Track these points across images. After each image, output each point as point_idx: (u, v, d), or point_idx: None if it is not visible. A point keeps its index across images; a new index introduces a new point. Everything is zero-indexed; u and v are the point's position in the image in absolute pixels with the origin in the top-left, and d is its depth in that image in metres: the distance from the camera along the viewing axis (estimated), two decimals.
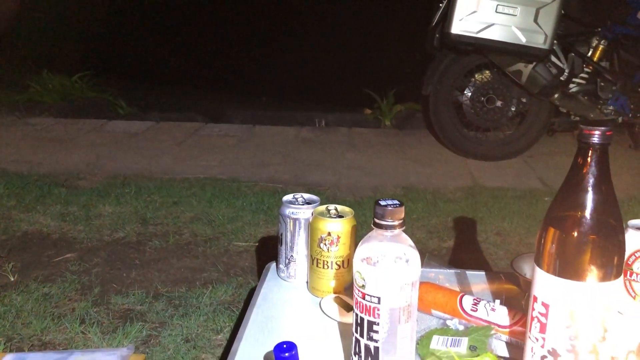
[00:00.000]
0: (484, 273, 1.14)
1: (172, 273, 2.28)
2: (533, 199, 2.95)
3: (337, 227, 1.01)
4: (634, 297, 0.98)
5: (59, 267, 2.31)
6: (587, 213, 0.70)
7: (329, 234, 1.01)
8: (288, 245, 1.08)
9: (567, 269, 0.71)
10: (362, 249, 0.76)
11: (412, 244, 0.76)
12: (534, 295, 0.75)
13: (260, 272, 1.11)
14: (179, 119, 4.58)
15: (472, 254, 2.40)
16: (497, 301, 0.93)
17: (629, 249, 0.98)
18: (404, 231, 0.75)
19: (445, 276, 1.08)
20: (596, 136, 0.70)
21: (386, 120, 4.60)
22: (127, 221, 2.75)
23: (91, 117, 4.63)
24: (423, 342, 0.88)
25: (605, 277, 0.70)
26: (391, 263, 0.74)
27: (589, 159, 0.71)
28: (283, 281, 1.10)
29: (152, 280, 2.21)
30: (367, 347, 0.75)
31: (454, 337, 0.87)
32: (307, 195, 1.12)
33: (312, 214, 1.04)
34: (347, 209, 1.05)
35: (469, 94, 3.59)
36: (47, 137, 4.25)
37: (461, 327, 0.92)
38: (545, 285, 0.73)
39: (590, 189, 0.70)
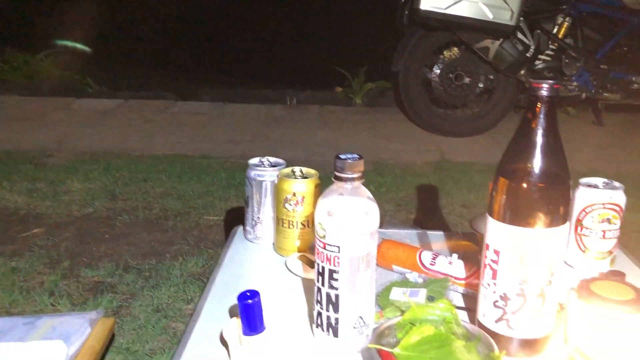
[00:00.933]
0: (443, 232, 1.18)
1: (142, 246, 2.28)
2: None
3: (302, 187, 1.03)
4: (584, 251, 1.03)
5: (27, 242, 2.29)
6: (535, 164, 0.74)
7: (294, 194, 1.03)
8: (254, 207, 1.10)
9: (516, 216, 0.74)
10: (323, 202, 0.78)
11: (371, 196, 0.78)
12: (486, 244, 0.79)
13: None
14: (149, 97, 4.53)
15: (438, 224, 2.45)
16: (455, 255, 0.97)
17: (579, 205, 1.03)
18: (363, 184, 0.78)
19: (406, 235, 1.12)
20: (544, 89, 0.73)
21: (357, 98, 4.62)
22: (96, 197, 2.74)
23: (58, 95, 4.55)
24: (383, 293, 0.91)
25: (551, 224, 0.74)
26: (350, 214, 0.76)
27: (537, 112, 0.74)
28: (250, 243, 1.13)
29: (122, 253, 2.22)
30: (328, 295, 0.78)
31: (412, 289, 0.91)
32: (272, 159, 1.14)
33: (278, 176, 1.06)
34: (312, 170, 1.07)
35: (438, 71, 3.64)
36: (13, 115, 4.17)
37: (420, 280, 0.96)
38: (496, 233, 0.77)
39: (538, 140, 0.74)
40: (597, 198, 1.01)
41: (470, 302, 0.91)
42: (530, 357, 0.79)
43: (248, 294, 0.74)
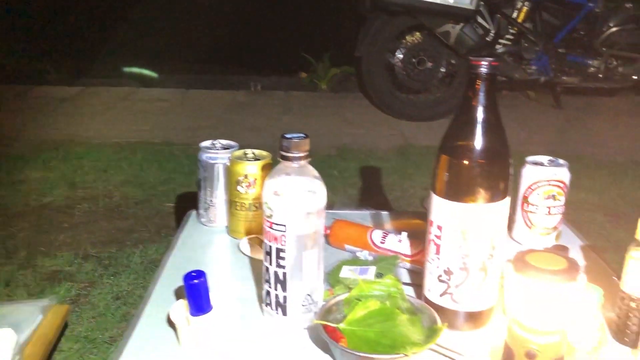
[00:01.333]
0: (395, 212, 1.20)
1: (102, 235, 2.25)
2: None
3: (254, 169, 1.03)
4: (530, 227, 1.06)
5: None
6: (474, 140, 0.75)
7: (246, 176, 1.03)
8: (207, 190, 1.10)
9: (457, 192, 0.76)
10: (270, 181, 0.78)
11: (318, 175, 0.79)
12: (430, 220, 0.80)
13: None
14: (110, 84, 4.44)
15: (399, 206, 2.48)
16: (404, 234, 0.99)
17: (525, 183, 1.05)
18: (310, 163, 0.79)
19: (359, 215, 1.13)
20: (483, 66, 0.75)
21: (322, 83, 4.62)
22: (54, 186, 2.69)
23: (16, 83, 4.42)
24: (334, 272, 0.92)
25: (491, 199, 0.76)
26: (296, 193, 0.77)
27: (477, 89, 0.75)
28: (203, 226, 1.12)
29: (82, 242, 2.18)
30: (275, 274, 0.79)
31: (362, 267, 0.92)
32: (225, 141, 1.13)
33: (230, 158, 1.06)
34: (264, 152, 1.07)
35: (401, 55, 3.66)
36: None
37: (370, 258, 0.98)
38: (439, 209, 0.78)
39: (477, 118, 0.75)
40: (542, 175, 1.03)
41: (418, 278, 0.92)
42: (475, 329, 0.81)
43: (194, 274, 0.74)
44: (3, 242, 2.16)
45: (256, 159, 1.05)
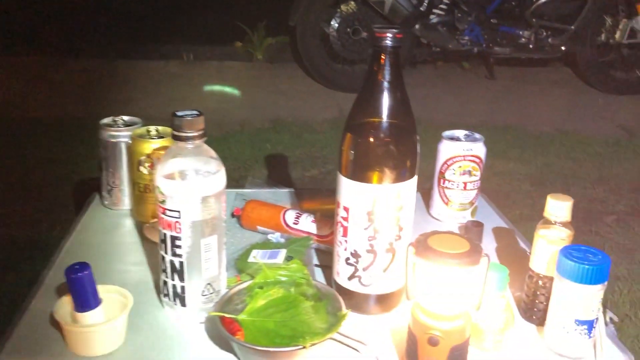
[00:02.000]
0: (311, 190, 1.16)
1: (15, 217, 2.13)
2: None
3: (157, 148, 0.96)
4: (447, 203, 1.04)
5: None
6: (379, 118, 0.71)
7: (149, 156, 0.96)
8: (109, 171, 1.02)
9: (362, 172, 0.72)
10: (163, 164, 0.72)
11: (215, 155, 0.74)
12: (337, 201, 0.77)
13: None
14: (30, 53, 4.17)
15: (332, 183, 2.46)
16: (318, 214, 0.95)
17: (441, 159, 1.03)
18: (205, 142, 0.73)
19: (274, 195, 1.08)
20: (388, 39, 0.70)
21: (257, 53, 4.50)
22: None
23: None
24: (242, 257, 0.88)
25: (397, 179, 0.72)
26: (190, 176, 0.71)
27: (381, 63, 0.71)
28: (107, 210, 1.05)
29: None
30: (172, 263, 0.73)
31: (272, 250, 0.88)
32: (127, 117, 1.05)
33: (131, 137, 0.98)
34: (169, 129, 1.00)
35: (336, 25, 3.59)
36: None
37: (282, 240, 0.93)
38: (345, 190, 0.74)
39: (381, 94, 0.71)
40: (457, 150, 1.01)
41: (330, 260, 0.89)
42: (384, 312, 0.79)
43: (77, 267, 0.68)
44: None
45: (160, 136, 0.98)
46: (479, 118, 3.31)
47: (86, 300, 0.68)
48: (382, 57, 0.71)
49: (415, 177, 0.75)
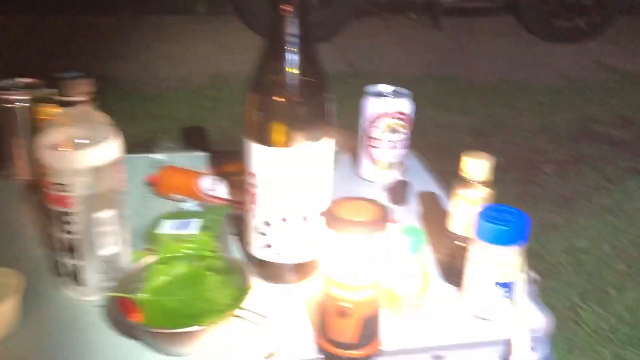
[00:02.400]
0: (229, 152, 1.10)
1: None
2: (339, 81, 3.00)
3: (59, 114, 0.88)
4: (374, 163, 1.00)
5: None
6: (284, 73, 0.66)
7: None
8: (5, 140, 0.94)
9: (269, 135, 0.67)
10: (47, 132, 0.65)
11: (107, 120, 0.67)
12: (246, 168, 0.71)
13: None
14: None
15: None
16: (235, 178, 0.89)
17: (367, 116, 0.98)
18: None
19: (189, 160, 1.01)
20: None
21: (199, 5, 4.31)
22: None
23: None
24: (151, 228, 0.82)
25: (307, 141, 0.67)
26: (75, 145, 0.64)
27: (287, 10, 0.64)
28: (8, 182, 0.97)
29: None
30: (63, 240, 0.67)
31: (183, 220, 0.82)
32: (28, 80, 0.96)
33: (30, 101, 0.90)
34: None
35: None
36: None
37: (198, 209, 0.88)
38: (252, 155, 0.69)
39: (287, 47, 0.65)
40: (383, 107, 0.96)
41: None
42: (299, 282, 0.75)
43: None
44: None
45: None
46: (423, 69, 3.28)
47: None
48: (288, 10, 0.64)
49: (331, 139, 0.70)
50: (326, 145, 0.70)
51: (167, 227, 0.81)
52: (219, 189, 0.89)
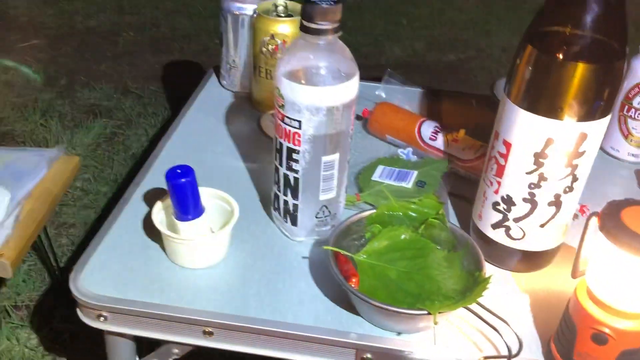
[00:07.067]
0: (454, 93, 0.98)
1: (145, 69, 2.12)
2: None
3: (284, 28, 0.82)
4: (626, 137, 0.83)
5: (25, 53, 2.15)
6: (579, 29, 0.52)
7: (273, 36, 0.83)
8: (230, 47, 0.91)
9: (541, 101, 0.54)
10: (285, 60, 0.59)
11: (351, 56, 0.59)
12: (495, 131, 0.60)
13: None
14: None
15: (469, 71, 2.20)
16: (462, 130, 0.79)
17: (633, 79, 0.80)
18: (340, 38, 0.58)
19: (406, 96, 0.92)
20: None
21: None
22: (101, 8, 2.52)
23: None
24: (365, 172, 0.75)
25: (587, 116, 0.54)
26: (319, 80, 0.57)
27: None
28: (225, 90, 0.95)
29: (123, 74, 2.07)
30: (286, 177, 0.63)
31: (401, 169, 0.74)
32: None
33: (255, 11, 0.85)
34: (298, 6, 0.85)
35: None
36: None
37: (414, 158, 0.79)
38: (510, 119, 0.57)
39: None
40: None
41: (472, 192, 0.74)
42: (527, 271, 0.65)
43: (179, 171, 0.59)
44: (45, 67, 2.07)
45: (288, 14, 0.83)
46: None
47: (187, 209, 0.60)
48: None
49: (609, 117, 0.56)
50: (603, 123, 0.56)
51: (384, 175, 0.74)
52: (440, 140, 0.79)
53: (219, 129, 0.86)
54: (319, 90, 0.57)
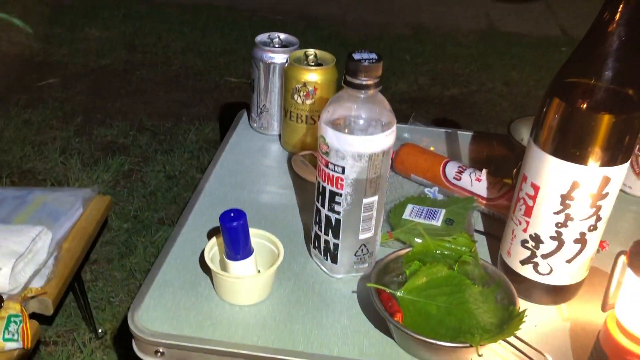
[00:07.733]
0: (474, 134, 1.03)
1: (159, 106, 2.18)
2: (549, 48, 2.75)
3: (314, 77, 0.88)
4: (637, 174, 0.88)
5: (42, 92, 2.21)
6: (602, 81, 0.57)
7: (305, 84, 0.88)
8: (261, 93, 0.96)
9: (567, 148, 0.60)
10: (329, 111, 0.64)
11: (389, 107, 0.64)
12: (524, 174, 0.65)
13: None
14: None
15: (473, 105, 2.27)
16: (485, 170, 0.84)
17: None
18: (380, 92, 0.63)
19: (430, 136, 0.97)
20: None
21: None
22: (114, 47, 2.60)
23: None
24: (396, 210, 0.80)
25: (609, 162, 0.59)
26: (361, 130, 0.63)
27: (619, 11, 0.55)
28: (255, 132, 1.00)
29: (138, 112, 2.13)
30: (327, 218, 0.67)
31: (429, 208, 0.79)
32: (284, 36, 0.97)
33: (288, 60, 0.90)
34: (328, 55, 0.91)
35: None
36: None
37: (440, 197, 0.84)
38: (538, 164, 0.62)
39: (613, 51, 0.56)
40: None
41: (496, 227, 0.79)
42: (554, 304, 0.69)
43: (232, 214, 0.63)
44: (62, 105, 2.13)
45: (318, 64, 0.89)
46: None
47: (238, 249, 0.64)
48: (622, 3, 0.55)
49: (629, 161, 0.61)
50: (624, 168, 0.61)
51: (414, 214, 0.79)
52: (464, 179, 0.84)
53: (253, 168, 0.91)
54: (364, 139, 0.62)
